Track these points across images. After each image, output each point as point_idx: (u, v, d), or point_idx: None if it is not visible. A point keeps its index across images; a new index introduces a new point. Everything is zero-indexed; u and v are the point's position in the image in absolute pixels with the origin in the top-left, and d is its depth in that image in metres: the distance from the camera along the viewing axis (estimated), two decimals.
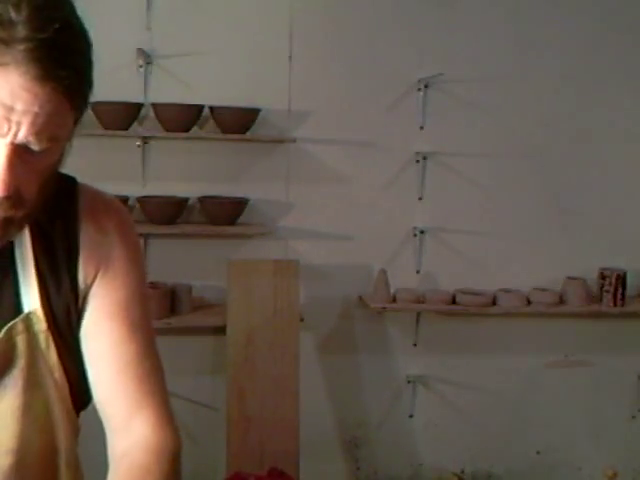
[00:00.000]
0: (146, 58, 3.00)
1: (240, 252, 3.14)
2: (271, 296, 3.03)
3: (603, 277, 3.27)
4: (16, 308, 0.98)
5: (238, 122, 2.98)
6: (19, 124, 0.83)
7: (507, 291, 3.27)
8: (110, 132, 2.92)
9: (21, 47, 0.81)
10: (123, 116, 2.91)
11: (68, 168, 0.90)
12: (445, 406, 3.40)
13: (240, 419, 2.98)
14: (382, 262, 3.20)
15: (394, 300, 3.17)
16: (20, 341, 0.97)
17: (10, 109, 0.82)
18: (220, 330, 3.02)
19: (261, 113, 3.07)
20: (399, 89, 3.19)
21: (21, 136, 0.84)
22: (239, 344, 2.99)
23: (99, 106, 2.90)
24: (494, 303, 3.24)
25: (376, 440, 3.37)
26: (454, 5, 3.18)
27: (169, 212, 3.00)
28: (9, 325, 0.96)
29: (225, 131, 2.99)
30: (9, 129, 0.83)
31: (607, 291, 3.25)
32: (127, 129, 2.94)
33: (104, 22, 2.97)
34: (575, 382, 3.46)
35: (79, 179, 1.17)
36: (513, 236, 3.33)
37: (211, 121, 3.04)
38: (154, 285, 3.05)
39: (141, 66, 3.00)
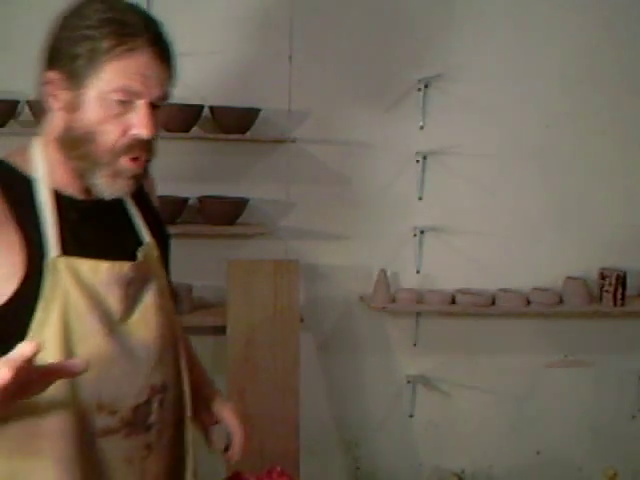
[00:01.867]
0: None
1: (240, 252, 3.14)
2: (271, 296, 3.03)
3: (603, 277, 3.27)
4: (137, 240, 1.40)
5: (238, 122, 2.98)
6: (150, 88, 1.25)
7: (507, 291, 3.27)
8: None
9: (145, 36, 1.26)
10: None
11: None
12: (445, 406, 3.40)
13: (240, 419, 2.97)
14: (382, 262, 3.21)
15: (394, 300, 3.17)
16: (152, 260, 1.41)
17: (145, 78, 1.24)
18: (220, 330, 3.02)
19: (261, 113, 3.07)
20: (399, 89, 3.19)
21: (153, 96, 1.26)
22: (239, 344, 2.99)
23: None
24: (494, 303, 3.24)
25: (376, 440, 3.37)
26: (454, 5, 3.18)
27: (169, 212, 3.00)
28: (142, 250, 1.38)
29: (225, 131, 2.99)
30: (147, 92, 1.25)
31: (607, 291, 3.25)
32: None
33: None
34: (575, 382, 3.46)
35: None
36: (513, 236, 3.33)
37: (211, 121, 3.04)
38: None
39: None
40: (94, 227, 1.32)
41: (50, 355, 1.20)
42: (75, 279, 1.26)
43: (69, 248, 1.26)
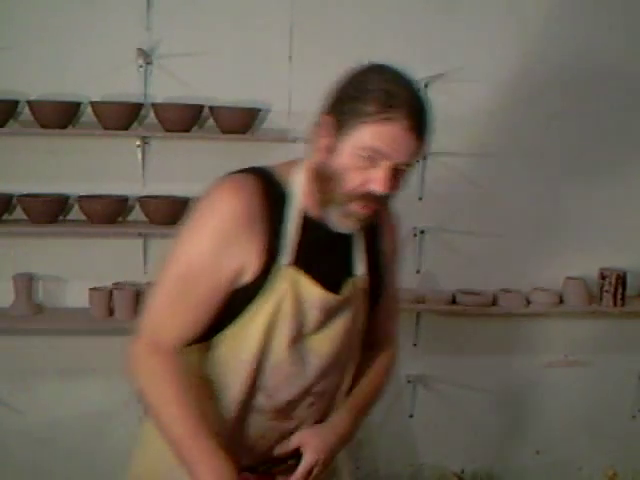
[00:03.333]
0: (146, 58, 3.00)
1: None
2: None
3: (603, 277, 3.27)
4: (350, 270, 1.58)
5: (238, 122, 2.98)
6: (397, 154, 1.41)
7: (507, 291, 3.27)
8: (110, 132, 2.91)
9: (406, 110, 1.40)
10: (123, 116, 2.91)
11: (68, 167, 0.90)
12: (445, 406, 3.40)
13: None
14: None
15: None
16: (356, 291, 1.58)
17: (395, 145, 1.40)
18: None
19: (261, 113, 3.07)
20: None
21: (398, 161, 1.42)
22: None
23: (99, 106, 2.90)
24: (494, 303, 3.24)
25: (376, 440, 3.37)
26: (454, 5, 3.18)
27: (169, 212, 3.00)
28: (350, 282, 1.56)
29: (225, 131, 2.99)
30: (393, 157, 1.41)
31: (607, 291, 3.25)
32: (127, 129, 2.94)
33: (104, 22, 2.98)
34: (575, 382, 3.46)
35: (79, 179, 1.36)
36: (513, 236, 3.33)
37: (211, 121, 3.04)
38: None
39: (141, 66, 3.00)
40: (323, 251, 1.52)
41: (251, 339, 1.47)
42: (292, 288, 1.47)
43: (299, 262, 1.48)
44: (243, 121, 2.99)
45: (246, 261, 1.45)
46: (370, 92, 1.42)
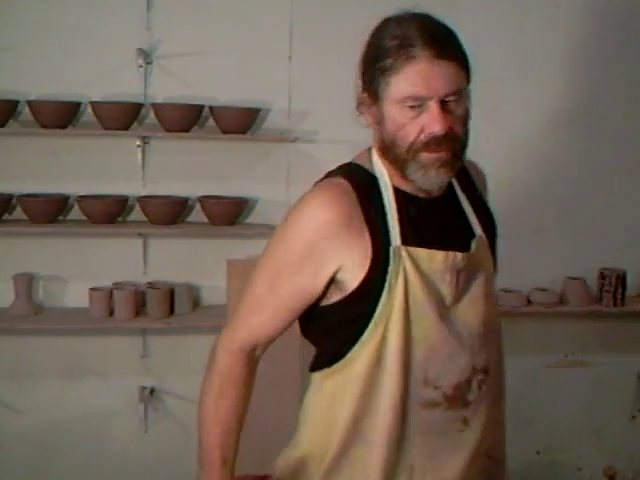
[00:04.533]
0: (146, 58, 3.00)
1: (240, 252, 3.13)
2: None
3: (603, 277, 3.27)
4: (469, 233, 1.52)
5: (238, 122, 2.98)
6: (435, 89, 1.38)
7: (507, 291, 3.27)
8: (110, 132, 2.91)
9: (420, 43, 1.39)
10: (123, 116, 2.91)
11: (68, 167, 0.90)
12: None
13: None
14: None
15: None
16: (482, 252, 1.53)
17: (427, 81, 1.37)
18: (220, 330, 3.01)
19: (261, 113, 3.07)
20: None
21: (441, 95, 1.39)
22: None
23: (99, 106, 2.90)
24: None
25: None
26: (454, 5, 3.18)
27: (169, 212, 3.00)
28: (474, 242, 1.51)
29: (225, 131, 2.99)
30: (433, 93, 1.38)
31: (607, 291, 3.25)
32: (127, 129, 2.94)
33: (104, 22, 2.98)
34: (575, 382, 3.46)
35: (79, 179, 1.34)
36: (513, 236, 3.31)
37: (211, 121, 3.04)
38: (154, 285, 3.06)
39: (141, 66, 3.00)
40: (430, 220, 1.48)
41: (393, 334, 1.41)
42: (414, 266, 1.42)
43: (409, 238, 1.43)
44: (243, 121, 2.99)
45: (345, 264, 1.42)
46: (384, 46, 1.43)
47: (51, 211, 2.94)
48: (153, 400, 3.16)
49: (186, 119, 2.95)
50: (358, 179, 1.48)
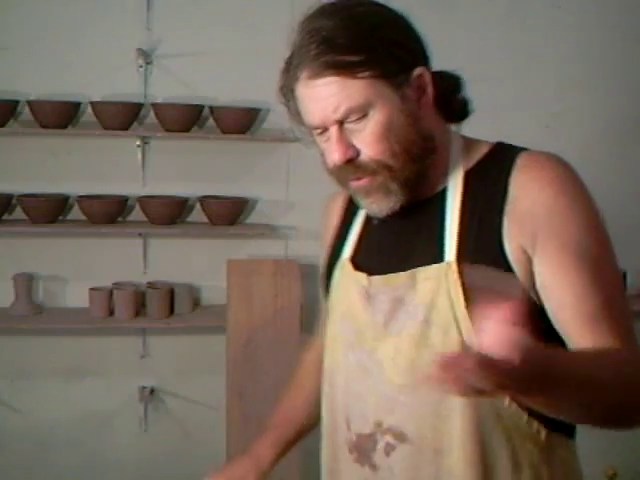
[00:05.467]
0: (146, 58, 3.00)
1: (240, 252, 3.14)
2: (271, 296, 3.03)
3: None
4: (437, 254, 1.17)
5: (238, 122, 2.98)
6: (323, 114, 1.13)
7: None
8: (110, 132, 2.92)
9: (297, 58, 1.15)
10: (123, 116, 2.91)
11: (68, 167, 0.89)
12: None
13: (240, 419, 2.98)
14: None
15: None
16: (426, 283, 1.16)
17: (313, 105, 1.14)
18: (220, 330, 3.02)
19: (261, 113, 3.07)
20: None
21: (331, 121, 1.14)
22: (239, 344, 2.99)
23: (99, 106, 2.90)
24: None
25: None
26: (454, 5, 3.18)
27: (169, 212, 3.00)
28: (421, 268, 1.17)
29: (225, 131, 2.99)
30: (325, 121, 1.14)
31: None
32: (127, 129, 2.94)
33: (104, 22, 2.98)
34: None
35: (79, 179, 1.28)
36: None
37: (211, 121, 3.04)
38: (154, 285, 3.06)
39: (141, 66, 3.00)
40: (381, 239, 1.27)
41: (326, 344, 1.33)
42: (343, 280, 1.30)
43: (358, 254, 1.30)
44: (243, 121, 2.99)
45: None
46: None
47: (51, 211, 2.94)
48: (153, 400, 3.17)
49: (186, 119, 2.95)
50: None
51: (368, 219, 1.29)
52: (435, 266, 1.16)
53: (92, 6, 2.97)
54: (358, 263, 1.28)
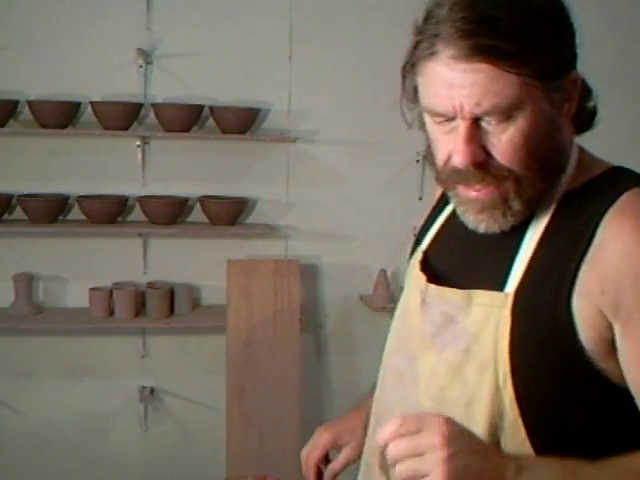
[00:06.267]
0: (146, 58, 2.99)
1: (240, 252, 3.14)
2: (271, 296, 3.03)
3: None
4: (499, 281, 1.03)
5: (238, 122, 2.98)
6: (460, 103, 0.95)
7: None
8: (110, 132, 2.91)
9: (443, 30, 0.94)
10: (123, 116, 2.91)
11: (68, 167, 0.89)
12: None
13: (240, 419, 2.98)
14: (382, 262, 3.20)
15: (394, 300, 3.17)
16: (479, 310, 1.03)
17: (450, 89, 0.95)
18: (220, 330, 3.02)
19: (261, 113, 3.07)
20: (399, 88, 3.19)
21: (466, 112, 0.95)
22: (239, 344, 2.99)
23: (99, 106, 2.90)
24: None
25: None
26: None
27: (169, 212, 3.00)
28: (479, 292, 1.04)
29: (225, 131, 2.99)
30: (457, 110, 0.95)
31: None
32: (127, 129, 2.94)
33: (104, 22, 2.98)
34: None
35: (79, 179, 1.21)
36: None
37: (211, 121, 3.04)
38: (154, 285, 3.06)
39: (141, 66, 3.00)
40: (462, 243, 1.13)
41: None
42: (417, 282, 1.17)
43: (432, 249, 1.20)
44: (243, 121, 2.99)
45: None
46: (419, 25, 1.04)
47: (51, 211, 2.94)
48: (153, 400, 3.16)
49: (186, 119, 2.95)
50: None
51: (454, 213, 1.12)
52: (491, 293, 1.03)
53: (92, 6, 2.96)
54: (429, 260, 1.18)
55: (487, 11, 0.93)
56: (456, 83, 0.95)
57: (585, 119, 1.12)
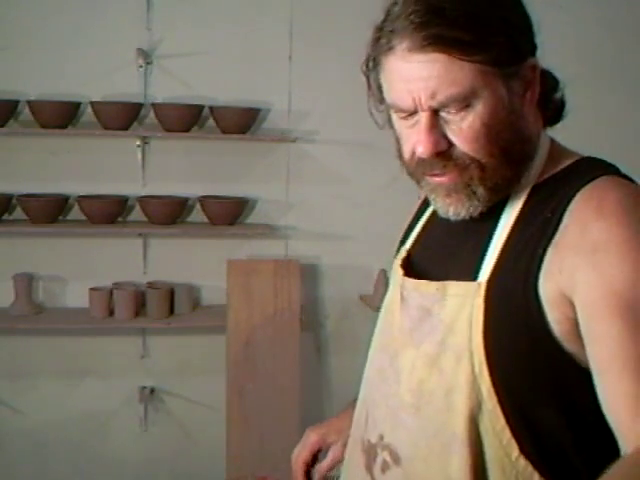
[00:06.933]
0: (146, 58, 3.00)
1: (240, 252, 3.14)
2: (271, 296, 3.03)
3: None
4: (473, 271, 1.04)
5: (238, 122, 2.98)
6: (417, 95, 0.98)
7: None
8: (110, 132, 2.91)
9: (401, 22, 0.98)
10: (123, 116, 2.91)
11: (68, 167, 0.89)
12: None
13: (240, 419, 2.98)
14: (382, 262, 3.20)
15: None
16: (453, 300, 1.04)
17: (407, 83, 0.98)
18: (220, 330, 3.02)
19: (261, 113, 3.07)
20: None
21: (424, 104, 0.98)
22: (239, 344, 3.00)
23: (99, 106, 2.90)
24: None
25: None
26: None
27: (169, 212, 3.00)
28: (452, 283, 1.05)
29: (225, 131, 2.99)
30: (412, 101, 0.98)
31: None
32: (127, 129, 2.94)
33: (104, 22, 2.98)
34: None
35: (79, 179, 1.22)
36: None
37: (211, 121, 3.04)
38: (154, 285, 3.06)
39: (141, 66, 3.00)
40: (440, 238, 1.17)
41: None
42: (397, 279, 1.19)
43: (415, 247, 1.23)
44: (243, 121, 2.99)
45: None
46: (379, 23, 1.08)
47: (51, 211, 2.94)
48: (153, 400, 3.17)
49: (186, 119, 2.95)
50: None
51: (434, 212, 1.15)
52: (465, 283, 1.04)
53: (92, 6, 2.96)
54: (411, 258, 1.21)
55: (438, 3, 0.96)
56: (413, 75, 0.97)
57: (554, 111, 1.15)
